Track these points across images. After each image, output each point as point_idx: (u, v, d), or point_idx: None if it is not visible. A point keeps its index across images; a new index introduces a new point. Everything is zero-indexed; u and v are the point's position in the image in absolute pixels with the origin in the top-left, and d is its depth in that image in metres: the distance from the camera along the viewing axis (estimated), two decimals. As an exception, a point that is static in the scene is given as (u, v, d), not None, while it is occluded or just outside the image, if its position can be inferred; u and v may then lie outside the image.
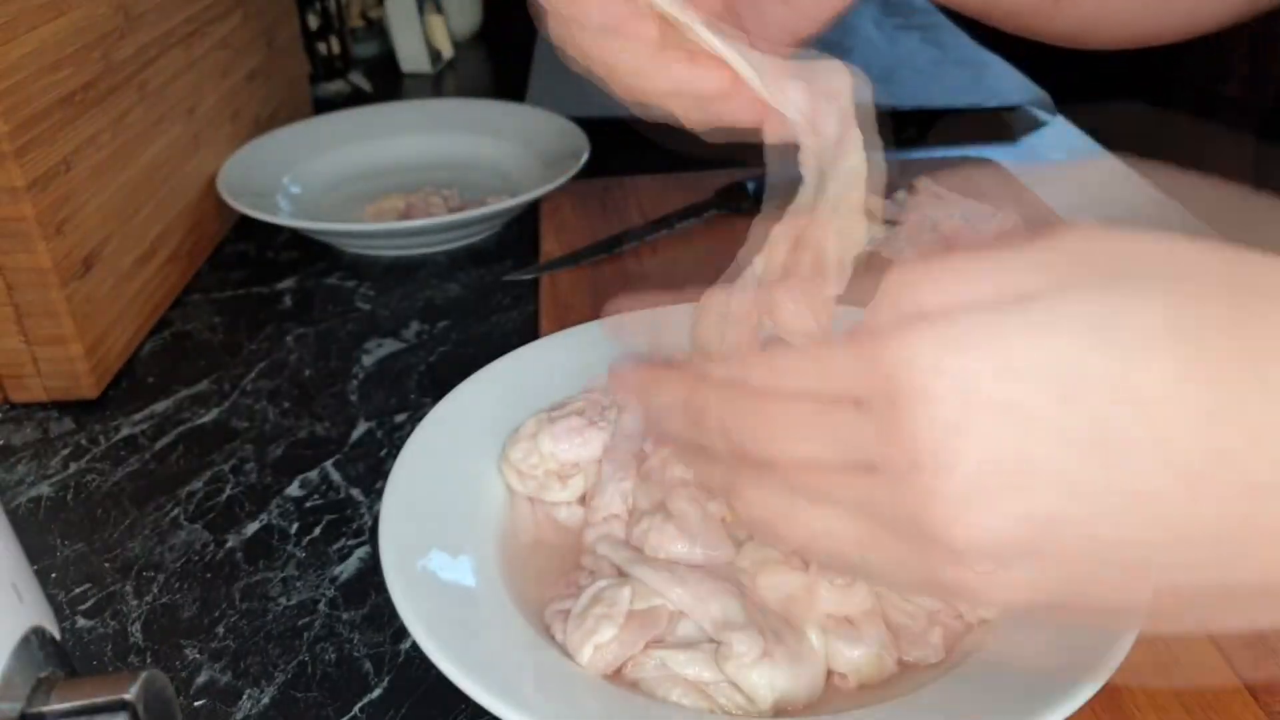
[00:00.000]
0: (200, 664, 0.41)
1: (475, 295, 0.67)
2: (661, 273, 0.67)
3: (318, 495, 0.50)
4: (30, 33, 0.52)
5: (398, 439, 0.53)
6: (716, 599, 0.37)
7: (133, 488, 0.51)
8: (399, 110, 0.90)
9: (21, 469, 0.52)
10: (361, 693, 0.40)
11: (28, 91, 0.52)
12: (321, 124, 0.86)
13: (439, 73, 1.14)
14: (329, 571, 0.45)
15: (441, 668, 0.34)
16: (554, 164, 0.76)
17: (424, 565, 0.39)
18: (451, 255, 0.72)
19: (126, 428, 0.55)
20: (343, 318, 0.65)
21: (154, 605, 0.44)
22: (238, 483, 0.51)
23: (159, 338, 0.64)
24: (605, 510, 0.42)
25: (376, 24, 1.16)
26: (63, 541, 0.47)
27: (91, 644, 0.42)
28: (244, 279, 0.70)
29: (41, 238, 0.53)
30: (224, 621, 0.43)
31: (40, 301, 0.54)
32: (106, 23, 0.60)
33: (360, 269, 0.71)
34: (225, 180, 0.73)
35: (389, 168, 0.84)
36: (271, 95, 0.87)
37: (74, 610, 0.44)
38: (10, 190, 0.51)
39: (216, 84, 0.76)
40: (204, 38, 0.73)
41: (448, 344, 0.62)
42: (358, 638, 0.42)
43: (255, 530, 0.48)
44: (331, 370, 0.60)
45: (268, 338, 0.63)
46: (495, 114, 0.87)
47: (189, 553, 0.47)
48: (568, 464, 0.44)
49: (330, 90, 1.06)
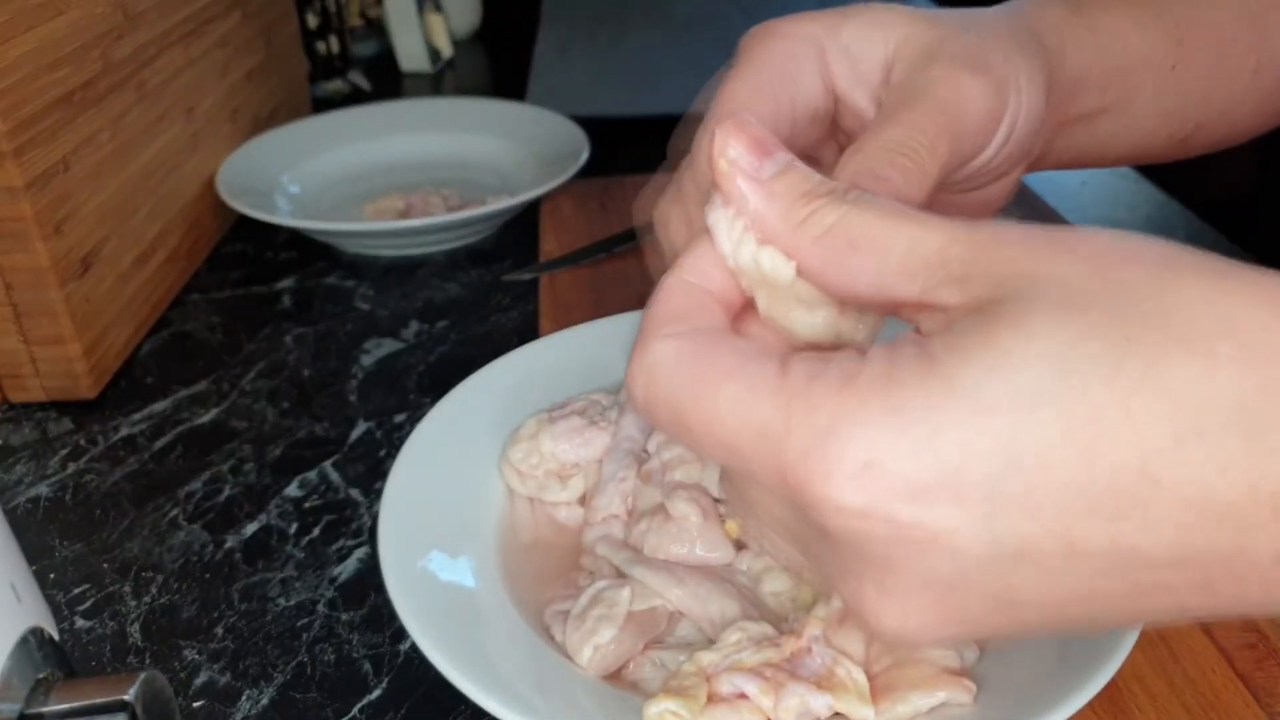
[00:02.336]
0: (199, 664, 0.41)
1: (475, 295, 0.67)
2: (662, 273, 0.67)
3: (317, 495, 0.50)
4: (29, 32, 0.52)
5: (397, 439, 0.53)
6: (716, 600, 0.37)
7: (131, 488, 0.51)
8: (398, 110, 0.90)
9: (20, 469, 0.52)
10: (361, 693, 0.40)
11: (26, 91, 0.52)
12: (320, 123, 0.86)
13: (438, 72, 1.14)
14: (328, 572, 0.45)
15: (441, 668, 0.34)
16: (554, 164, 0.76)
17: (423, 566, 0.39)
18: (451, 255, 0.72)
19: (125, 428, 0.55)
20: (342, 318, 0.65)
21: (153, 606, 0.44)
22: (237, 483, 0.51)
23: (158, 338, 0.64)
24: (605, 510, 0.42)
25: (376, 23, 1.16)
26: (61, 542, 0.47)
27: (90, 644, 0.42)
28: (243, 279, 0.70)
29: (40, 237, 0.52)
30: (223, 622, 0.43)
31: (39, 301, 0.54)
32: (105, 22, 0.59)
33: (360, 269, 0.71)
34: (224, 180, 0.73)
35: (388, 167, 0.84)
36: (270, 94, 0.87)
37: (73, 611, 0.44)
38: (9, 190, 0.51)
39: (215, 83, 0.76)
40: (203, 37, 0.73)
41: (447, 344, 0.62)
42: (357, 638, 0.42)
43: (254, 531, 0.48)
44: (330, 370, 0.60)
45: (266, 338, 0.63)
46: (495, 114, 0.87)
47: (188, 553, 0.47)
48: (568, 464, 0.44)
49: (329, 89, 1.06)
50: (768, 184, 0.25)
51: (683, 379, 0.24)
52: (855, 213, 0.24)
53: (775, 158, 0.26)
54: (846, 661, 0.33)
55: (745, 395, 0.23)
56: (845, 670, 0.33)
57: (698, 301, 0.26)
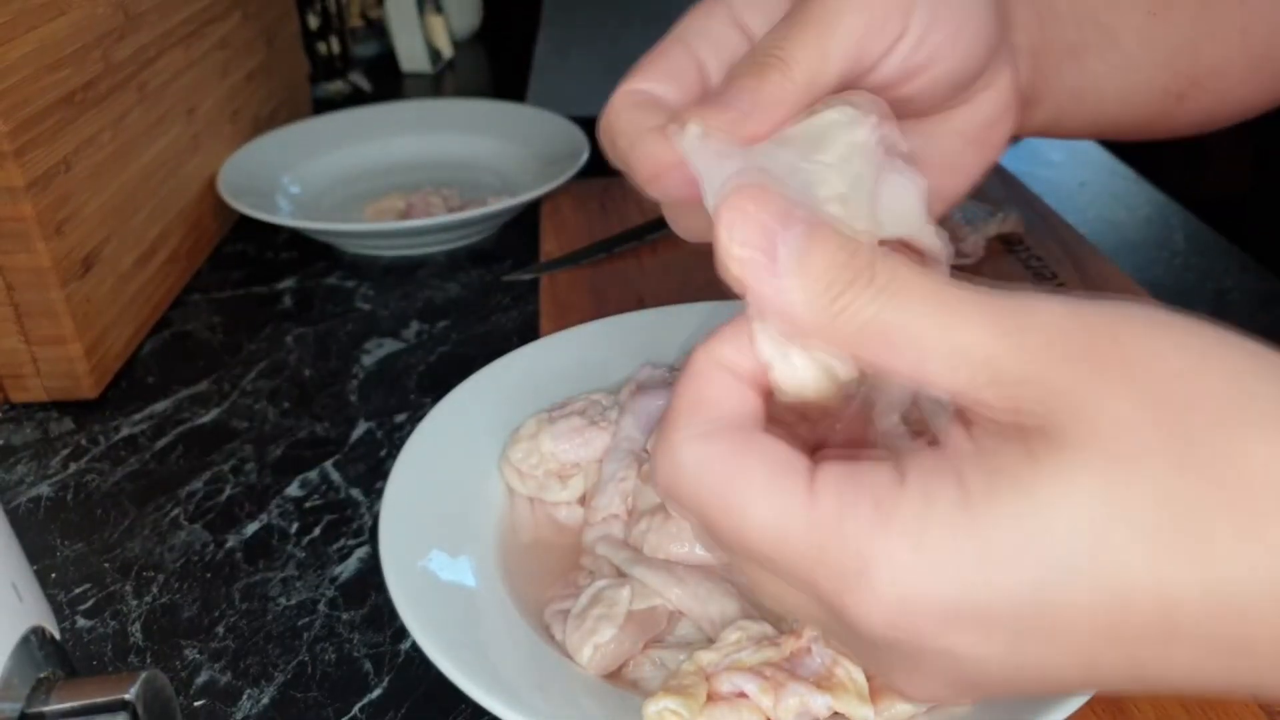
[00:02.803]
0: (200, 664, 0.41)
1: (475, 295, 0.67)
2: (661, 272, 0.67)
3: (318, 495, 0.50)
4: (30, 33, 0.52)
5: (398, 439, 0.53)
6: (716, 599, 0.37)
7: (132, 488, 0.51)
8: (399, 110, 0.90)
9: (21, 469, 0.52)
10: (361, 693, 0.40)
11: (27, 91, 0.52)
12: (321, 124, 0.86)
13: (439, 73, 1.14)
14: (329, 571, 0.45)
15: (441, 668, 0.34)
16: (554, 164, 0.76)
17: (424, 565, 0.39)
18: (451, 255, 0.72)
19: (126, 428, 0.55)
20: (342, 318, 0.65)
21: (154, 605, 0.44)
22: (237, 483, 0.51)
23: (159, 338, 0.64)
24: (605, 510, 0.42)
25: (376, 24, 1.16)
26: (62, 541, 0.47)
27: (91, 644, 0.42)
28: (244, 279, 0.70)
29: (41, 238, 0.53)
30: (224, 621, 0.43)
31: (40, 301, 0.54)
32: (106, 23, 0.60)
33: (360, 269, 0.71)
34: (225, 180, 0.73)
35: (389, 168, 0.84)
36: (271, 95, 0.87)
37: (74, 610, 0.44)
38: (10, 190, 0.51)
39: (216, 84, 0.76)
40: (204, 38, 0.73)
41: (447, 344, 0.62)
42: (357, 638, 0.42)
43: (255, 530, 0.48)
44: (331, 370, 0.60)
45: (267, 338, 0.63)
46: (495, 114, 0.87)
47: (189, 553, 0.47)
48: (568, 464, 0.44)
49: (330, 90, 1.06)
50: (788, 287, 0.23)
51: (709, 491, 0.23)
52: (891, 307, 0.22)
53: (787, 236, 0.23)
54: (846, 661, 0.33)
55: (775, 523, 0.22)
56: (844, 670, 0.33)
57: (725, 389, 0.25)
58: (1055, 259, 0.66)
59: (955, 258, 0.65)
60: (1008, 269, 0.66)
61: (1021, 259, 0.67)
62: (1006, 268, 0.66)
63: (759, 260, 0.23)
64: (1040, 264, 0.66)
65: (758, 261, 0.23)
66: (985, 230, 0.67)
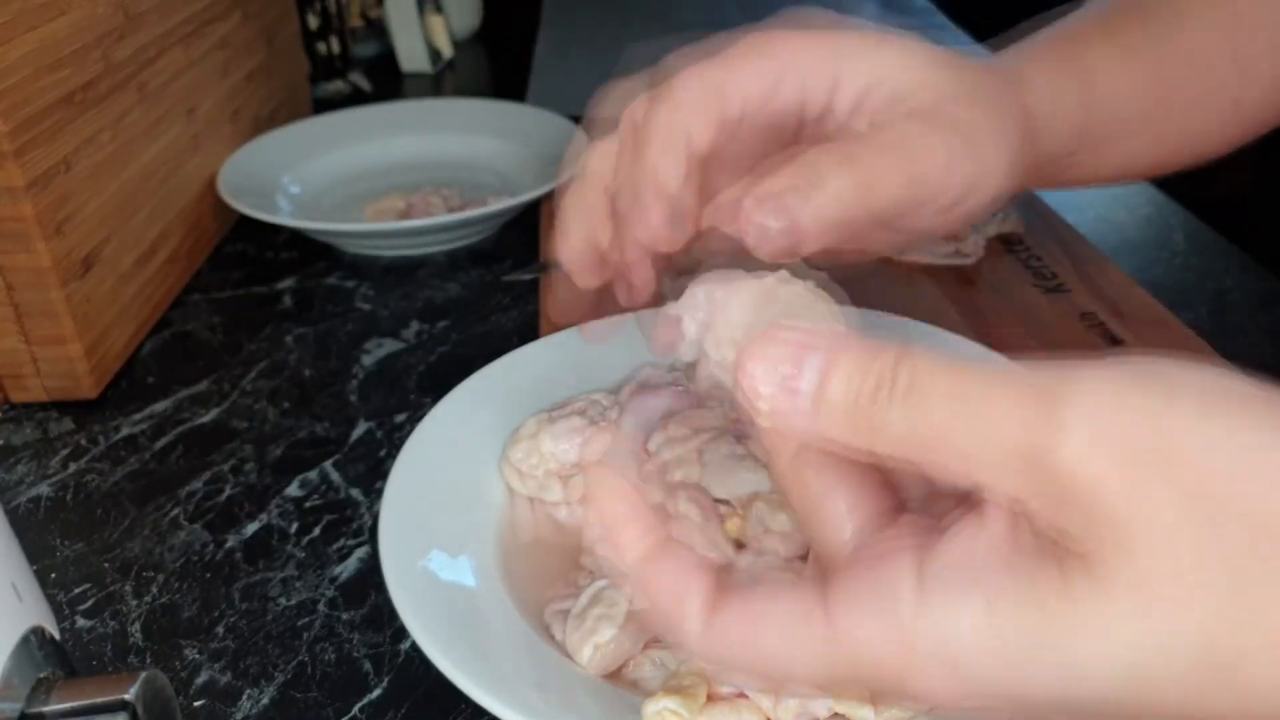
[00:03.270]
0: (200, 664, 0.41)
1: (475, 295, 0.67)
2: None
3: (317, 495, 0.50)
4: (30, 33, 0.52)
5: (397, 439, 0.53)
6: (716, 599, 0.37)
7: (132, 488, 0.51)
8: (399, 110, 0.90)
9: (21, 469, 0.52)
10: (361, 693, 0.40)
11: (27, 91, 0.52)
12: (321, 124, 0.86)
13: (439, 73, 1.14)
14: (329, 571, 0.45)
15: (441, 668, 0.34)
16: (554, 164, 0.76)
17: (424, 565, 0.39)
18: (451, 255, 0.72)
19: (126, 428, 0.55)
20: (342, 318, 0.65)
21: (154, 605, 0.44)
22: (237, 483, 0.51)
23: (159, 338, 0.64)
24: (605, 510, 0.42)
25: (376, 24, 1.16)
26: (62, 541, 0.47)
27: (91, 644, 0.42)
28: (243, 279, 0.70)
29: (41, 238, 0.53)
30: (224, 621, 0.43)
31: (40, 301, 0.54)
32: (106, 23, 0.60)
33: (360, 269, 0.71)
34: (225, 180, 0.73)
35: (389, 168, 0.84)
36: (271, 95, 0.87)
37: (74, 610, 0.44)
38: (10, 190, 0.51)
39: (216, 84, 0.76)
40: (203, 38, 0.73)
41: (447, 344, 0.62)
42: (357, 638, 0.42)
43: (255, 530, 0.48)
44: (331, 370, 0.60)
45: (267, 338, 0.63)
46: (495, 114, 0.87)
47: (189, 553, 0.47)
48: (568, 464, 0.44)
49: (330, 90, 1.06)
50: (818, 420, 0.23)
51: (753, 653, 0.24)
52: (920, 416, 0.22)
53: (805, 369, 0.23)
54: None
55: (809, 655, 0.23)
56: None
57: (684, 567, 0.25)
58: (1055, 259, 0.67)
59: (955, 257, 0.65)
60: (1008, 269, 0.66)
61: (1021, 259, 0.67)
62: (1006, 267, 0.66)
63: (785, 400, 0.23)
64: (1040, 264, 0.66)
65: (784, 401, 0.23)
66: (985, 230, 0.67)
